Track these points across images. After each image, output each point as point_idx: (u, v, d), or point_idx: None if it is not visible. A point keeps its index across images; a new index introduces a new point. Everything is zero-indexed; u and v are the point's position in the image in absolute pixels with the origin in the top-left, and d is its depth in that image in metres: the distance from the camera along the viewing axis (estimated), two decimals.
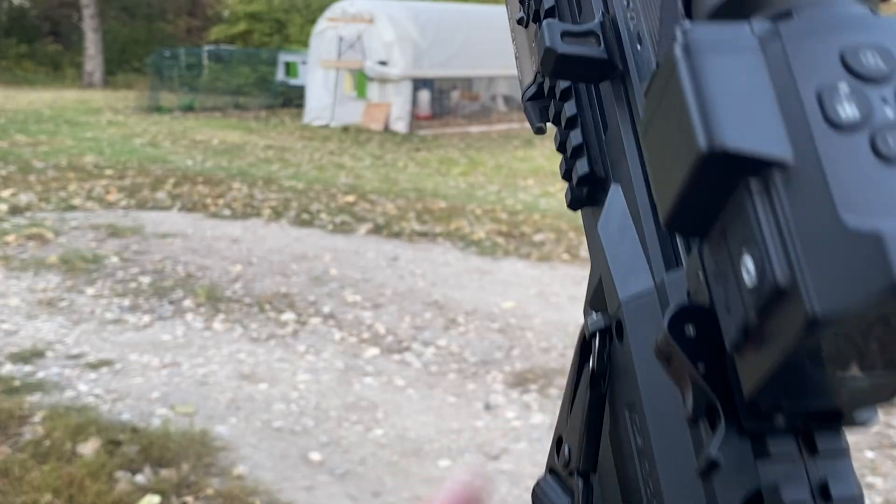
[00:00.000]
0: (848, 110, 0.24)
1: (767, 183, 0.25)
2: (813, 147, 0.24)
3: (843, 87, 0.24)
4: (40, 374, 3.60)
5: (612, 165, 0.38)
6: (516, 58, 0.47)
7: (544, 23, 0.37)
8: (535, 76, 0.44)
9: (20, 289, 4.76)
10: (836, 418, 0.27)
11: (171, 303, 4.61)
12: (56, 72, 22.81)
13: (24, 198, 7.13)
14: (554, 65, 0.37)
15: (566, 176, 0.41)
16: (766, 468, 0.28)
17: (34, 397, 3.37)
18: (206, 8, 25.51)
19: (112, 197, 7.34)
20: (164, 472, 2.82)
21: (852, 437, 3.03)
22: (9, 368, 3.65)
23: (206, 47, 18.76)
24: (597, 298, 0.38)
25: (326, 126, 13.72)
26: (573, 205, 0.41)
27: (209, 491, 2.73)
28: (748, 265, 0.25)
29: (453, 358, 3.97)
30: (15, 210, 6.67)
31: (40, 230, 6.03)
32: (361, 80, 13.70)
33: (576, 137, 0.40)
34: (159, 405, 3.35)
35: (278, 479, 2.84)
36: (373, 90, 13.73)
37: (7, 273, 5.04)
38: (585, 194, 0.40)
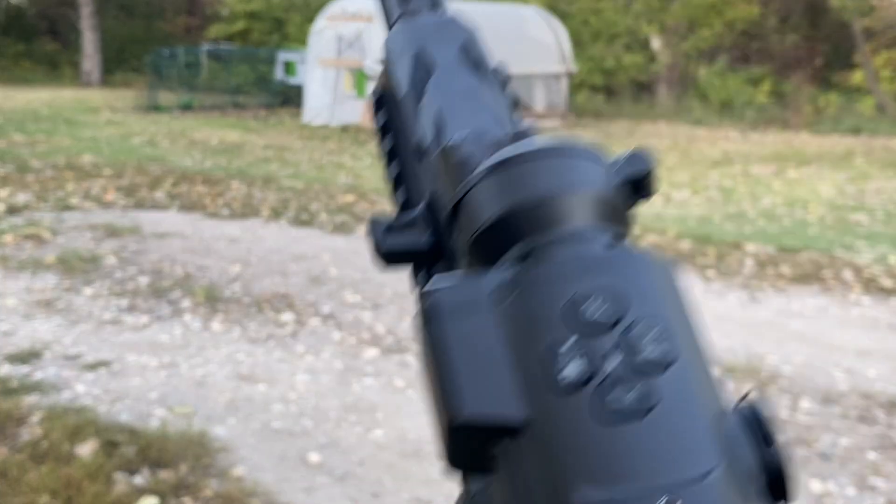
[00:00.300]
0: (572, 369, 0.24)
1: (509, 449, 0.24)
2: (544, 411, 0.23)
3: (569, 345, 0.24)
4: (38, 375, 3.59)
5: None
6: None
7: (368, 220, 0.37)
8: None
9: (17, 289, 4.74)
10: None
11: (169, 303, 4.60)
12: (54, 71, 22.78)
13: (21, 197, 7.11)
14: (383, 259, 0.37)
15: None
16: None
17: (32, 398, 3.35)
18: (204, 7, 25.48)
19: (110, 196, 7.32)
20: (163, 474, 2.80)
21: (855, 437, 2.96)
22: (6, 369, 3.63)
23: (205, 46, 18.73)
24: None
25: (326, 125, 13.70)
26: None
27: (207, 492, 2.72)
28: None
29: None
30: (12, 210, 6.65)
31: (37, 230, 6.02)
32: (361, 78, 13.69)
33: None
34: (157, 406, 3.33)
35: (277, 481, 2.83)
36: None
37: (4, 273, 5.03)
38: None
